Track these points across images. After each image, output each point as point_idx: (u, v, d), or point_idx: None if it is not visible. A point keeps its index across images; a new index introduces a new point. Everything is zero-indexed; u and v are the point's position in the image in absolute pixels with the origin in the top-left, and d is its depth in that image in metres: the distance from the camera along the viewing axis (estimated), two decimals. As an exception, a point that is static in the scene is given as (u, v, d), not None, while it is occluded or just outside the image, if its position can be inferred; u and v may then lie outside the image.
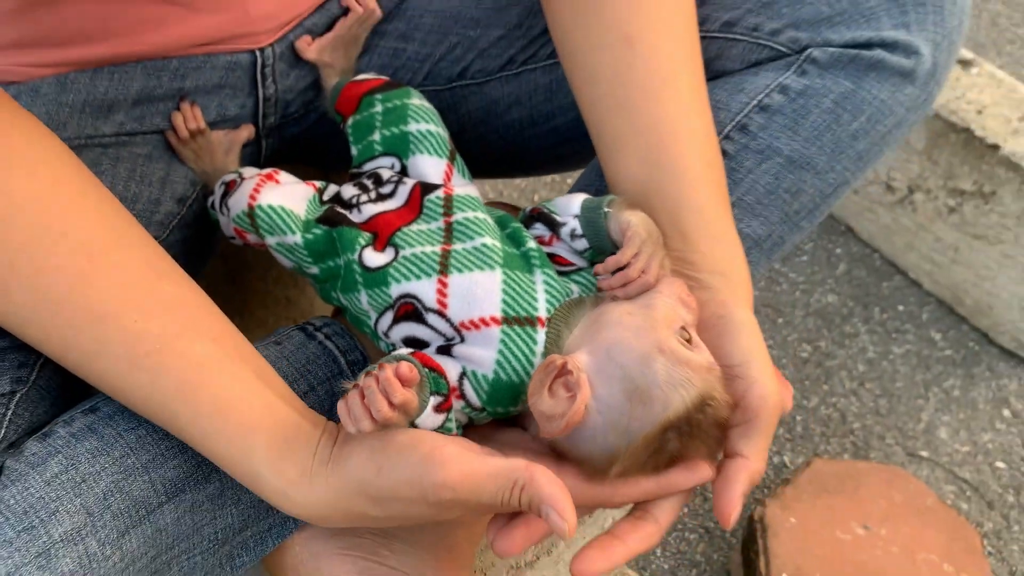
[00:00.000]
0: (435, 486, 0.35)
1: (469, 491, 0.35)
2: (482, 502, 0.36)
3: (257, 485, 0.41)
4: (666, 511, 0.44)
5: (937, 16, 0.53)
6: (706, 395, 0.41)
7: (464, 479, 0.35)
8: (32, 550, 0.39)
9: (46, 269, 0.39)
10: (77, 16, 0.53)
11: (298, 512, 0.40)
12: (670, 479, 0.43)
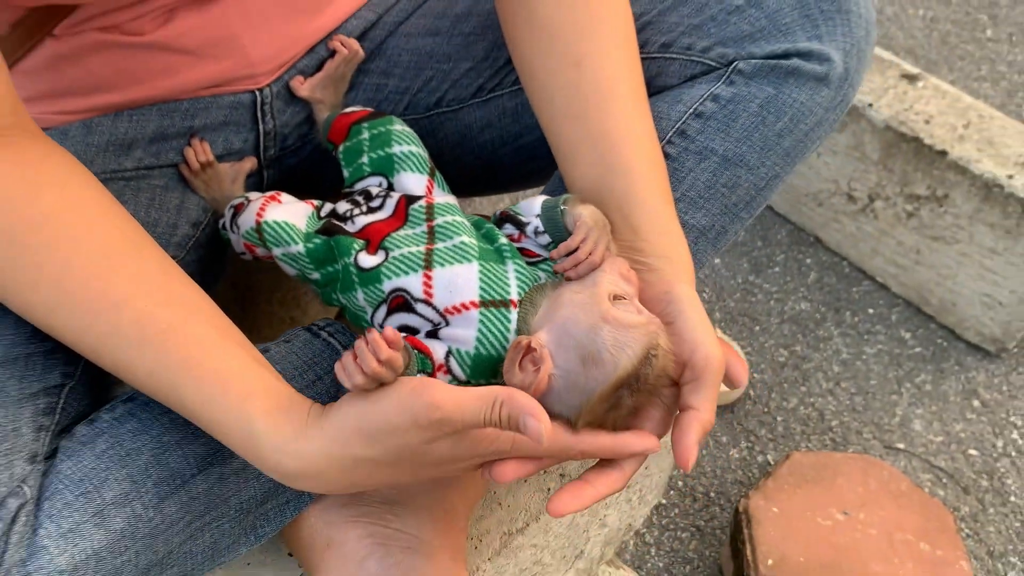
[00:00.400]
0: (425, 406, 0.42)
1: (455, 409, 0.42)
2: (467, 420, 0.42)
3: (256, 447, 0.45)
4: (630, 462, 0.50)
5: (845, 28, 0.62)
6: (649, 347, 0.48)
7: (450, 399, 0.42)
8: (89, 510, 0.46)
9: (69, 267, 0.46)
10: (99, 68, 0.61)
11: (295, 468, 0.45)
12: (624, 440, 0.49)
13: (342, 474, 0.45)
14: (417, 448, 0.43)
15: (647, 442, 0.49)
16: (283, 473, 0.46)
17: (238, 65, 0.65)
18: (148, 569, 0.49)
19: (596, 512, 0.77)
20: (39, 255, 0.46)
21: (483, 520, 0.64)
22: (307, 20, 0.68)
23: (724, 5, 0.62)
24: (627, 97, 0.57)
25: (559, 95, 0.59)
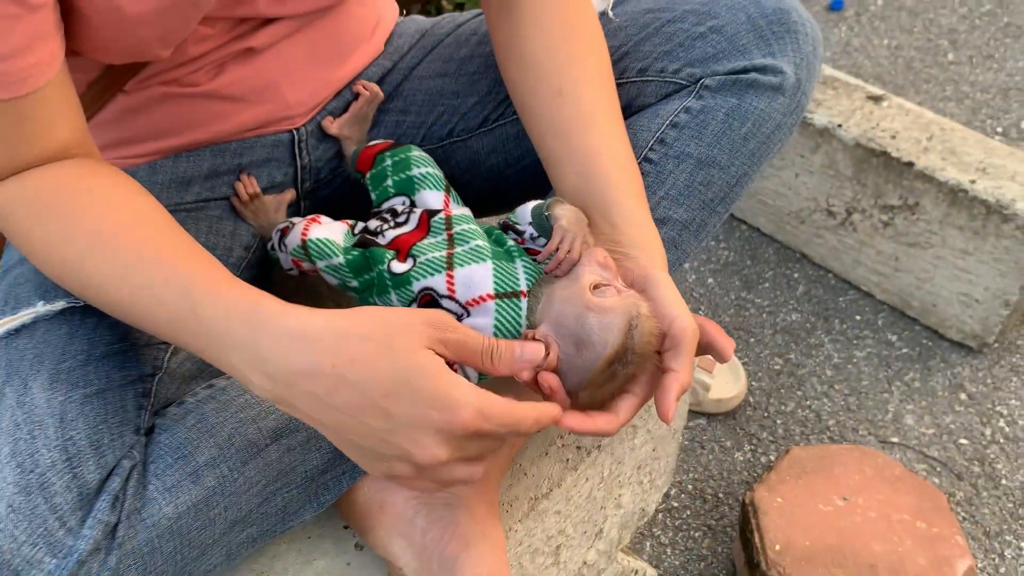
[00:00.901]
0: (436, 315, 0.50)
1: (461, 329, 0.50)
2: (470, 344, 0.50)
3: (257, 318, 0.49)
4: (624, 411, 0.59)
5: (794, 45, 0.72)
6: (630, 319, 0.57)
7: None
8: (186, 470, 0.55)
9: (112, 243, 0.54)
10: (162, 117, 0.72)
11: (297, 326, 0.48)
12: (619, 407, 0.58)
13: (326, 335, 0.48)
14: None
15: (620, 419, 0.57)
16: (284, 327, 0.49)
17: (277, 109, 0.76)
18: (233, 525, 0.58)
19: (611, 491, 0.86)
20: (88, 239, 0.54)
21: (511, 488, 0.73)
22: (334, 68, 0.79)
23: (689, 33, 0.73)
24: (603, 118, 0.68)
25: (545, 120, 0.69)
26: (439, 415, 0.47)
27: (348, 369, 0.47)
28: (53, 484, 0.51)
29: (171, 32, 0.63)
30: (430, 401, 0.47)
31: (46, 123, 0.55)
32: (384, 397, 0.47)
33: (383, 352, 0.47)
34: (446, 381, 0.47)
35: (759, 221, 1.66)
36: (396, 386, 0.47)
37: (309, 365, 0.48)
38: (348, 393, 0.47)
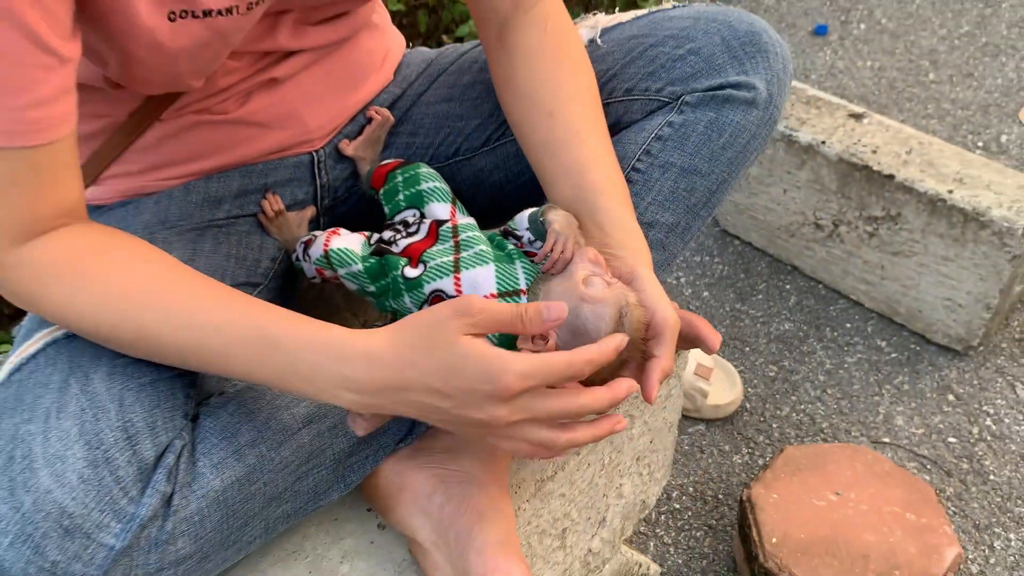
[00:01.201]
0: (466, 302, 0.56)
1: (489, 305, 0.56)
2: (500, 318, 0.56)
3: (334, 346, 0.57)
4: (620, 388, 0.65)
5: (765, 63, 0.80)
6: (620, 308, 0.64)
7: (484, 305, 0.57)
8: (230, 449, 0.62)
9: (167, 294, 0.60)
10: (195, 142, 0.79)
11: (363, 348, 0.57)
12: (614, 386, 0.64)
13: (396, 356, 0.57)
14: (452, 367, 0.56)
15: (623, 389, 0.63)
16: (353, 350, 0.58)
17: (298, 133, 0.84)
18: (271, 500, 0.65)
19: (612, 480, 0.92)
20: (143, 303, 0.61)
21: (519, 471, 0.79)
22: (349, 96, 0.87)
23: (670, 55, 0.81)
24: (590, 135, 0.75)
25: (539, 139, 0.77)
26: (488, 386, 0.55)
27: (409, 373, 0.56)
28: (116, 459, 0.58)
29: (204, 65, 0.71)
30: (477, 377, 0.55)
31: (62, 176, 0.61)
32: (443, 385, 0.56)
33: (429, 352, 0.56)
34: (485, 358, 0.55)
35: (751, 236, 1.74)
36: (448, 374, 0.55)
37: (382, 379, 0.57)
38: (417, 391, 0.57)
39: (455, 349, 0.55)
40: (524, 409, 0.56)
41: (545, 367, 0.55)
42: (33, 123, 0.57)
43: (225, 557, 0.63)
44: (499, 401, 0.55)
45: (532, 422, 0.57)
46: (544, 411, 0.57)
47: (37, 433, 0.57)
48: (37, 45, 0.55)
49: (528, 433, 0.58)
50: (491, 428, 0.57)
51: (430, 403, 0.57)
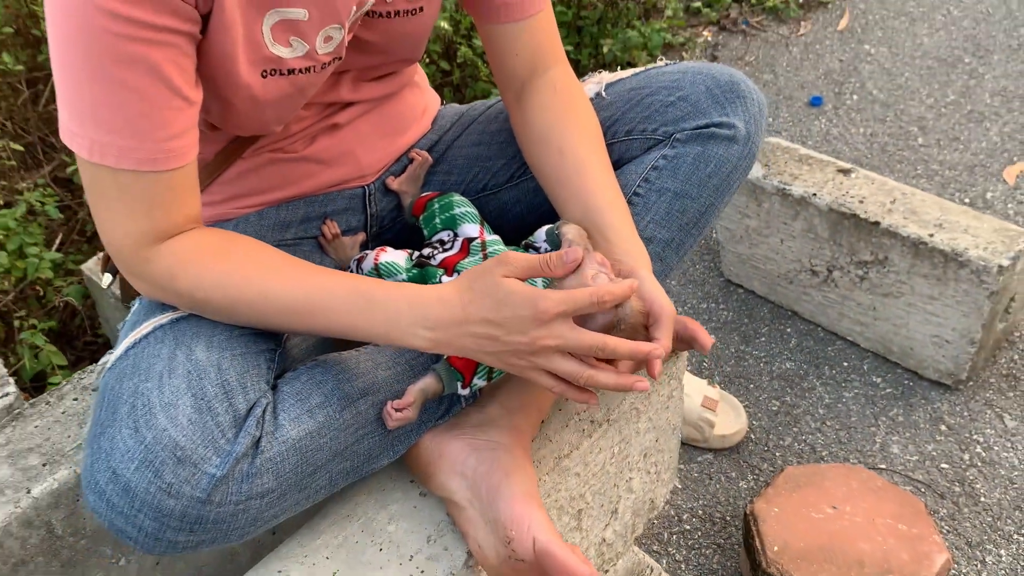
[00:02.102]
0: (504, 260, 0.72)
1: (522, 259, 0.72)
2: (531, 263, 0.72)
3: (412, 295, 0.75)
4: (623, 368, 0.79)
5: (743, 107, 0.96)
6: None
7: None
8: (304, 408, 0.76)
9: (284, 265, 0.78)
10: (268, 176, 0.96)
11: (435, 294, 0.73)
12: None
13: (461, 298, 0.73)
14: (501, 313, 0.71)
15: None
16: (426, 302, 0.74)
17: (353, 170, 1.01)
18: (335, 455, 0.78)
19: (623, 471, 1.05)
20: (256, 287, 0.78)
21: (539, 450, 0.92)
22: (396, 140, 1.04)
23: (663, 102, 0.98)
24: (594, 167, 0.91)
25: (550, 172, 0.93)
26: (529, 311, 0.71)
27: (469, 309, 0.73)
28: (216, 408, 0.72)
29: (285, 113, 0.88)
30: (520, 304, 0.71)
31: (187, 193, 0.78)
32: (495, 315, 0.72)
33: (482, 292, 0.73)
34: (526, 291, 0.72)
35: (753, 284, 1.88)
36: (498, 306, 0.72)
37: (449, 316, 0.74)
38: (476, 323, 0.73)
39: (501, 287, 0.71)
40: (558, 336, 0.71)
41: (573, 296, 0.72)
42: (170, 152, 0.74)
43: (297, 500, 0.77)
44: (539, 324, 0.71)
45: (562, 353, 0.72)
46: (575, 340, 0.72)
47: (153, 388, 0.72)
48: (174, 92, 0.72)
49: (558, 362, 0.72)
50: (531, 354, 0.72)
51: (485, 332, 0.73)
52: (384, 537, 0.86)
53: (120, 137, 0.72)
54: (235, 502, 0.71)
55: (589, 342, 0.72)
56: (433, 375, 0.83)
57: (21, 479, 0.92)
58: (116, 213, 0.75)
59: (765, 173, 1.75)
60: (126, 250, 0.77)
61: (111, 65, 0.69)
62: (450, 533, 0.86)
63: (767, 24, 2.76)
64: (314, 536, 0.86)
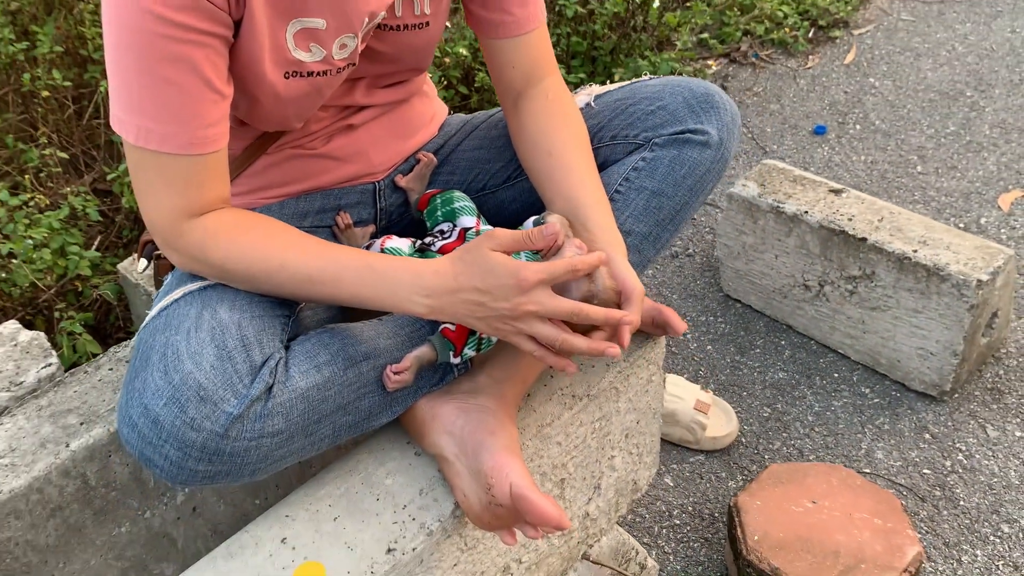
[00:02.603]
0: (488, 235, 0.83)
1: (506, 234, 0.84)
2: (516, 236, 0.83)
3: (412, 268, 0.85)
4: (596, 338, 0.89)
5: (716, 115, 1.07)
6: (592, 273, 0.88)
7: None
8: (312, 364, 0.87)
9: (301, 239, 0.89)
10: (289, 170, 1.08)
11: (431, 267, 0.84)
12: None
13: (453, 271, 0.84)
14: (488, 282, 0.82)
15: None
16: (419, 275, 0.85)
17: (365, 167, 1.13)
18: (339, 408, 0.89)
19: (604, 449, 1.14)
20: (276, 259, 0.89)
21: (524, 418, 1.03)
22: (405, 142, 1.16)
23: (644, 111, 1.09)
24: (580, 168, 1.02)
25: (542, 173, 1.05)
26: (512, 280, 0.82)
27: (461, 280, 0.84)
28: (236, 358, 0.83)
29: (304, 111, 1.00)
30: (504, 274, 0.82)
31: (218, 175, 0.90)
32: (483, 284, 0.83)
33: (472, 264, 0.84)
34: (510, 263, 0.83)
35: (750, 299, 1.98)
36: (485, 276, 0.83)
37: (443, 285, 0.85)
38: (467, 291, 0.84)
39: (488, 259, 0.83)
40: (538, 302, 0.82)
41: (551, 266, 0.83)
42: (204, 139, 0.86)
43: (303, 444, 0.87)
44: (520, 291, 0.82)
45: (542, 319, 0.83)
46: (553, 305, 0.83)
47: (182, 340, 0.84)
48: (209, 87, 0.85)
49: (538, 327, 0.83)
50: (514, 319, 0.83)
51: (475, 299, 0.84)
52: (382, 489, 0.96)
53: (162, 125, 0.84)
54: (248, 438, 0.82)
55: (567, 307, 0.83)
56: (428, 344, 0.94)
57: (61, 435, 1.04)
58: (156, 191, 0.88)
59: (761, 192, 1.85)
60: (164, 224, 0.89)
61: (157, 63, 0.81)
62: (440, 487, 0.96)
63: (776, 57, 2.87)
64: (319, 487, 0.96)
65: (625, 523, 1.58)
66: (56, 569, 1.03)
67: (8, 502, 0.98)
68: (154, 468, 0.82)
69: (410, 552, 0.91)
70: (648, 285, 2.11)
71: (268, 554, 0.90)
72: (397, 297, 0.87)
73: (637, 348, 1.11)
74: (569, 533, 1.15)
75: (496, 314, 0.84)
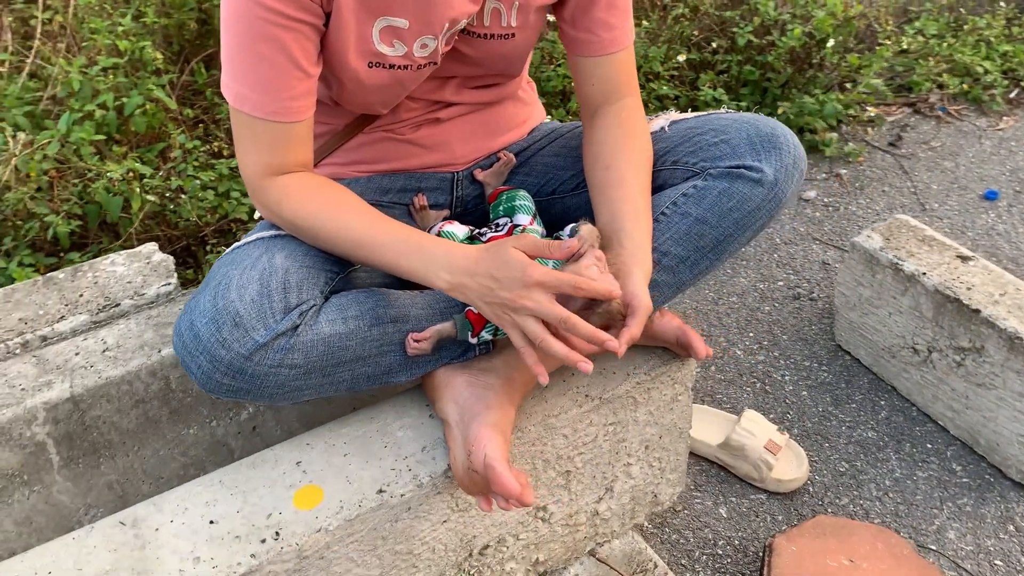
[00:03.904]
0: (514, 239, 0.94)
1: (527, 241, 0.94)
2: (538, 243, 0.93)
3: (446, 246, 0.98)
4: (599, 335, 0.97)
5: (777, 155, 1.11)
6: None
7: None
8: (340, 316, 1.01)
9: (363, 208, 1.03)
10: (380, 150, 1.23)
11: (461, 249, 0.96)
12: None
13: (466, 260, 0.97)
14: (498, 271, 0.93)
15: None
16: (446, 256, 0.98)
17: (447, 157, 1.26)
18: (358, 358, 1.03)
19: (619, 454, 1.21)
20: (333, 225, 1.04)
21: (532, 407, 1.12)
22: (489, 140, 1.28)
23: (708, 142, 1.15)
24: (631, 185, 1.10)
25: (595, 182, 1.14)
26: (519, 274, 0.92)
27: (480, 265, 0.96)
28: (273, 296, 0.99)
29: (387, 99, 1.14)
30: (514, 267, 0.93)
31: (303, 142, 1.06)
32: (496, 271, 0.94)
33: (492, 255, 0.96)
34: (523, 259, 0.93)
35: (860, 353, 1.94)
36: (498, 265, 0.94)
37: (465, 266, 0.97)
38: (482, 276, 0.95)
39: (508, 254, 0.94)
40: (535, 300, 0.92)
41: (556, 274, 0.93)
42: (288, 109, 1.02)
43: (320, 383, 1.02)
44: (523, 286, 0.92)
45: (534, 317, 0.92)
46: (547, 308, 0.92)
47: (236, 274, 1.00)
48: (296, 66, 1.00)
49: (529, 323, 0.93)
50: (512, 310, 0.93)
51: (486, 284, 0.95)
52: (392, 439, 1.09)
53: (255, 92, 1.00)
54: (269, 365, 0.97)
55: (557, 313, 0.92)
56: (451, 322, 1.06)
57: (157, 341, 1.24)
58: (247, 149, 1.05)
59: (883, 246, 1.82)
60: (251, 177, 1.06)
61: (254, 40, 0.97)
62: (441, 448, 1.07)
63: (965, 114, 2.75)
64: (341, 426, 1.11)
65: (666, 541, 1.63)
66: (131, 451, 1.23)
67: (104, 387, 1.19)
68: (190, 373, 0.99)
69: (398, 497, 1.03)
70: (760, 321, 2.11)
71: (282, 472, 1.05)
72: (427, 270, 0.99)
73: (661, 365, 1.17)
74: (575, 526, 1.23)
75: (499, 301, 0.94)
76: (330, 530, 0.99)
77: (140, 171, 1.86)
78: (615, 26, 1.14)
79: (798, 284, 2.23)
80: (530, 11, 1.12)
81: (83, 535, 0.99)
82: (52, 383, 1.17)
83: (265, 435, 1.31)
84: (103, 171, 1.82)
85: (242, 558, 0.96)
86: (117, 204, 1.83)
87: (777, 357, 2.00)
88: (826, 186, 2.51)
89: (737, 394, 1.91)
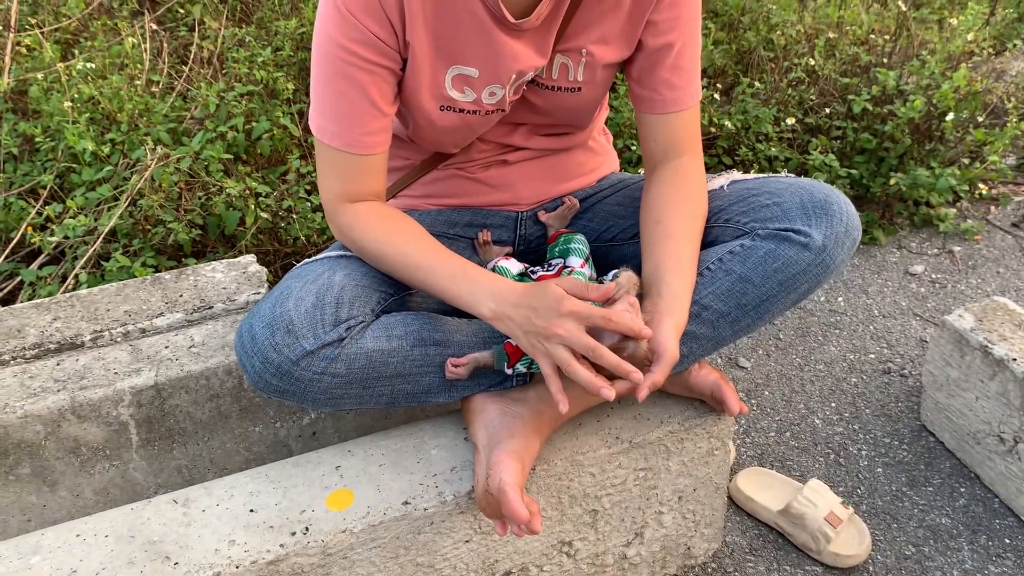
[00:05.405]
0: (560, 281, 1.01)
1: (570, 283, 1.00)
2: (579, 285, 1.00)
3: (493, 279, 1.06)
4: (625, 367, 1.01)
5: (827, 222, 1.12)
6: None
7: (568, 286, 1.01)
8: (386, 334, 1.10)
9: (423, 237, 1.12)
10: (451, 186, 1.32)
11: (506, 283, 1.05)
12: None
13: (510, 294, 1.04)
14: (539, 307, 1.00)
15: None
16: (488, 288, 1.06)
17: (512, 198, 1.34)
18: (399, 375, 1.11)
19: (650, 501, 1.24)
20: (394, 254, 1.13)
21: (561, 442, 1.17)
22: (555, 186, 1.35)
23: (761, 203, 1.18)
24: (679, 239, 1.14)
25: (646, 235, 1.19)
26: (555, 304, 1.00)
27: (522, 298, 1.04)
28: (326, 310, 1.08)
29: (458, 140, 1.23)
30: (551, 299, 1.00)
31: (375, 174, 1.17)
32: (535, 302, 1.02)
33: (535, 290, 1.03)
34: (560, 293, 1.00)
35: (944, 435, 1.88)
36: (539, 298, 1.02)
37: (509, 297, 1.05)
38: (522, 306, 1.03)
39: (548, 288, 1.02)
40: (567, 329, 0.99)
41: (589, 308, 0.99)
42: (364, 143, 1.13)
43: (360, 394, 1.10)
44: (557, 315, 0.99)
45: (564, 346, 0.98)
46: (577, 337, 0.99)
47: (297, 287, 1.11)
48: (371, 104, 1.11)
49: (558, 349, 1.00)
50: (544, 338, 1.00)
51: (525, 314, 1.02)
52: (425, 456, 1.16)
53: (334, 125, 1.11)
54: (313, 372, 1.07)
55: (585, 342, 0.98)
56: (490, 352, 1.13)
57: (236, 344, 1.36)
58: (326, 175, 1.16)
59: (974, 327, 1.77)
60: (328, 201, 1.17)
61: (336, 78, 1.09)
62: (470, 470, 1.14)
63: (1101, 199, 2.63)
64: (382, 438, 1.19)
65: (710, 599, 1.62)
66: (201, 440, 1.36)
67: (184, 379, 1.32)
68: (245, 372, 1.09)
69: (421, 510, 1.10)
70: (845, 392, 2.08)
71: (322, 473, 1.14)
72: (474, 296, 1.07)
73: (696, 416, 1.20)
74: (602, 567, 1.26)
75: (535, 329, 1.00)
76: (355, 532, 1.07)
77: (257, 189, 2.03)
78: (678, 87, 1.20)
79: (891, 359, 2.18)
80: (597, 68, 1.20)
81: (141, 507, 1.11)
82: (141, 370, 1.31)
83: (324, 440, 1.41)
84: (225, 187, 2.00)
85: (272, 546, 1.05)
86: (234, 218, 2.00)
87: (856, 430, 1.96)
88: (936, 262, 2.44)
89: (809, 463, 1.89)
